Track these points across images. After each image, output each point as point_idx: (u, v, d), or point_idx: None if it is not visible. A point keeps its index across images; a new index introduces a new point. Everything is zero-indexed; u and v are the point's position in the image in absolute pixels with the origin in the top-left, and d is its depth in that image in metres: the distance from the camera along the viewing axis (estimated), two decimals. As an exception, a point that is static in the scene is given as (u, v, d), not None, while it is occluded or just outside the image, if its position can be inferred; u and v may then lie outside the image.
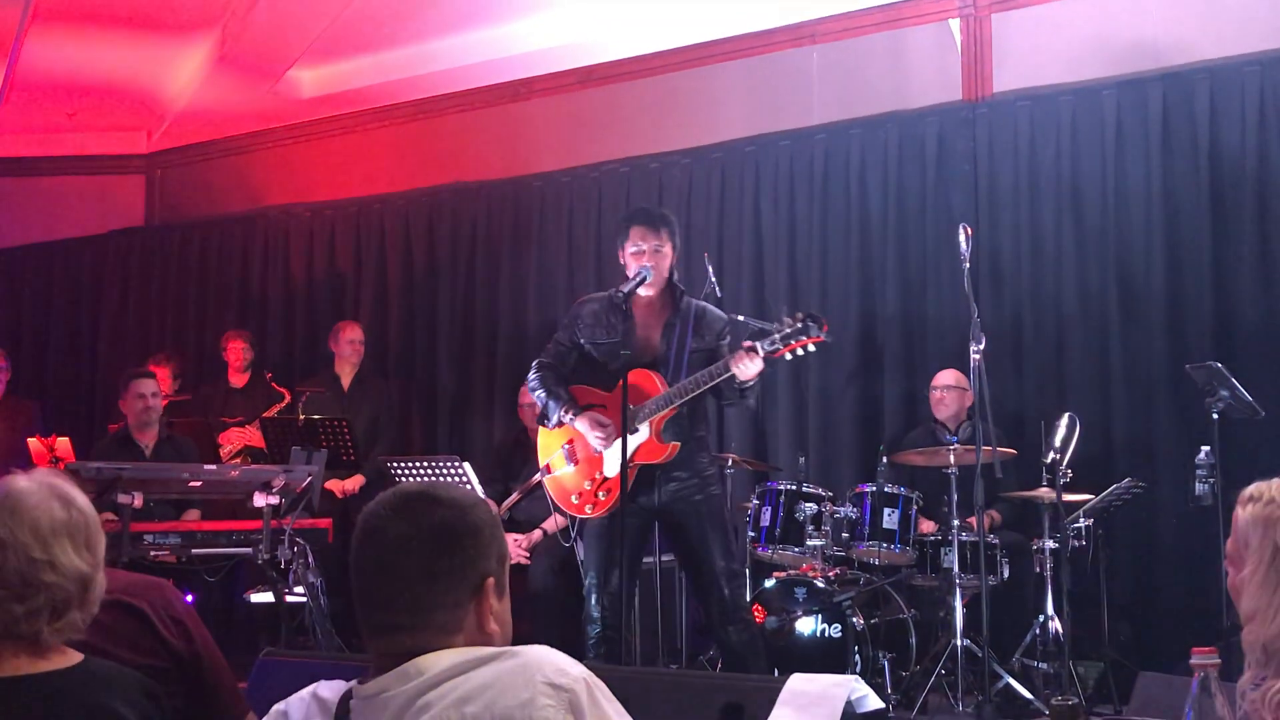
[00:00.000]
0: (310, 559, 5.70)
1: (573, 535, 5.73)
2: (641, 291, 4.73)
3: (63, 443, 7.11)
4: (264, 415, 7.18)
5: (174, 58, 8.14)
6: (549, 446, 4.90)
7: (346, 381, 7.52)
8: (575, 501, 4.80)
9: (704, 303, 4.93)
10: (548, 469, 4.91)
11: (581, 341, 4.82)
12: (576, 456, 4.81)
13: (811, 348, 4.53)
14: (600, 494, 4.69)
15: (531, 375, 4.90)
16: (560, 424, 4.80)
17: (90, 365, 9.18)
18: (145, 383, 6.57)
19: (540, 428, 4.96)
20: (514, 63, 7.99)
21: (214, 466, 6.17)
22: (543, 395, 4.83)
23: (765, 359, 4.50)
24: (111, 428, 7.07)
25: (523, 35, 7.84)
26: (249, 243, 8.91)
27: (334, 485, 7.09)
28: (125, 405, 6.58)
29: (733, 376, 4.52)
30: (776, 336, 4.49)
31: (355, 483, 7.07)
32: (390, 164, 8.57)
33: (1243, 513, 2.09)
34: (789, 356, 4.54)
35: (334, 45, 7.95)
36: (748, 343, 4.52)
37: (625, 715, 1.67)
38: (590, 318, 4.81)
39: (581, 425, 4.72)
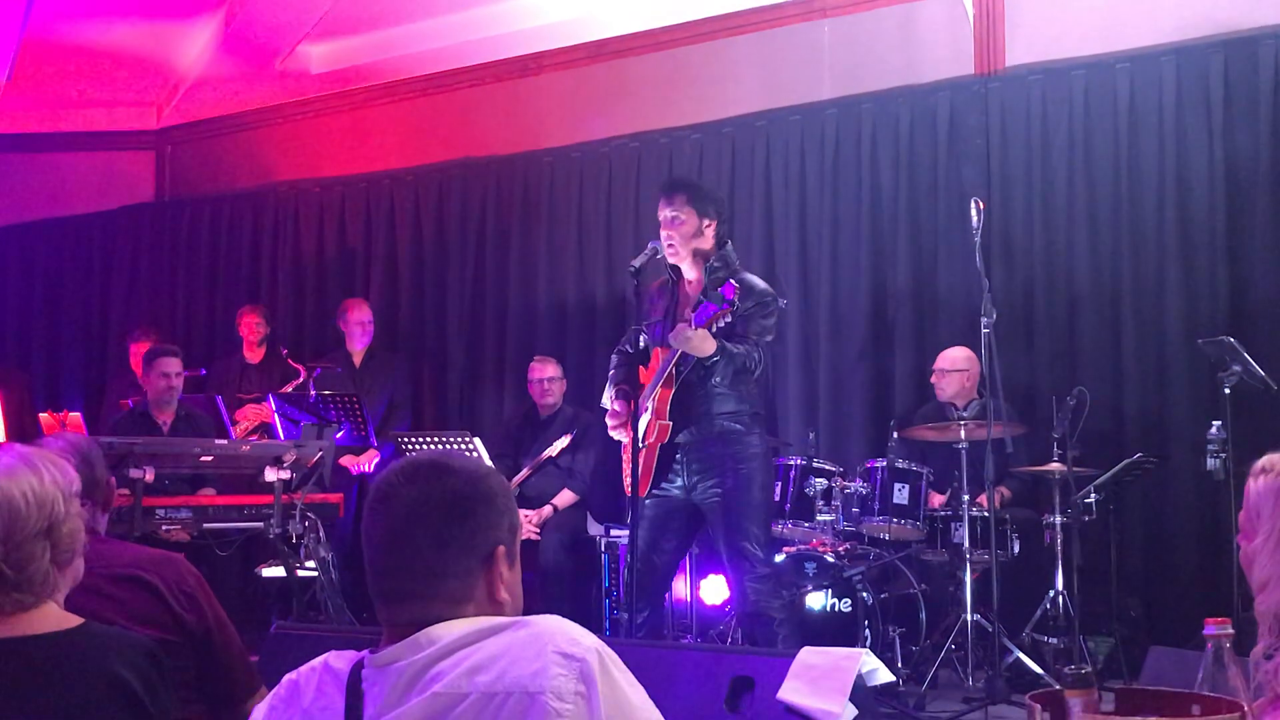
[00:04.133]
0: (321, 533, 5.73)
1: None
2: (686, 272, 4.70)
3: (74, 418, 7.15)
4: (279, 391, 7.20)
5: (183, 34, 8.14)
6: None
7: (358, 359, 7.52)
8: (629, 482, 4.80)
9: (747, 275, 4.74)
10: None
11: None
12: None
13: (727, 318, 4.35)
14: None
15: (612, 356, 4.94)
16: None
17: (101, 341, 9.20)
18: (171, 361, 6.59)
19: None
20: (523, 37, 7.97)
21: (225, 441, 6.19)
22: (609, 377, 4.86)
23: (709, 330, 4.35)
24: (123, 404, 7.09)
25: (532, 9, 7.82)
26: (259, 219, 8.91)
27: (348, 461, 7.12)
28: (147, 381, 6.60)
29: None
30: (692, 317, 4.38)
31: (368, 458, 7.08)
32: (399, 139, 8.57)
33: (1255, 484, 2.08)
34: (713, 329, 4.37)
35: (343, 21, 7.94)
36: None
37: (638, 686, 1.67)
38: (650, 298, 4.81)
39: (608, 420, 4.74)
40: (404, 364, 7.79)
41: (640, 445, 4.57)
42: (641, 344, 4.73)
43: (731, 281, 4.36)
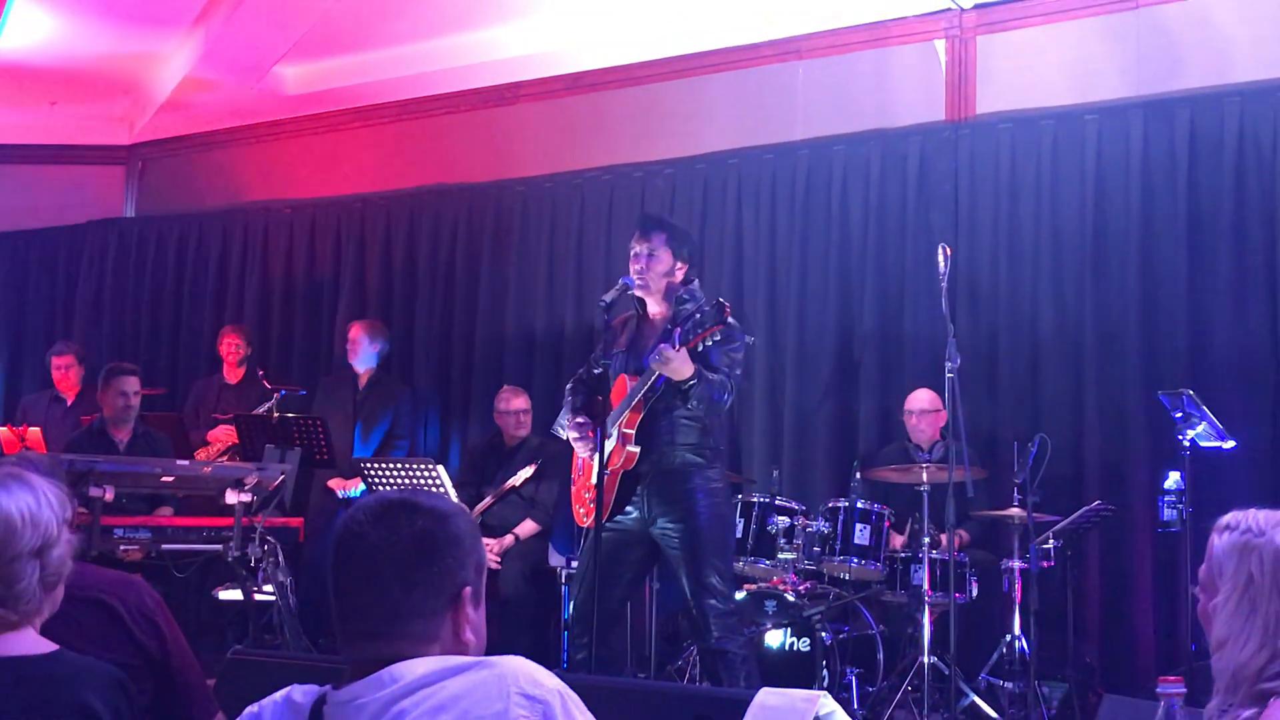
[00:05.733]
0: (280, 558, 5.69)
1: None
2: (651, 307, 4.73)
3: (34, 433, 7.09)
4: (242, 414, 7.17)
5: (159, 50, 8.11)
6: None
7: (362, 381, 7.47)
8: (580, 512, 4.78)
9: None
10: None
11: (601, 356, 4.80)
12: (579, 469, 4.81)
13: (717, 335, 4.39)
14: (591, 503, 4.60)
15: (568, 386, 4.95)
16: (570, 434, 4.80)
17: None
18: (129, 380, 6.56)
19: None
20: (500, 67, 7.99)
21: (186, 462, 6.16)
22: (565, 404, 4.87)
23: (688, 351, 4.38)
24: (85, 420, 7.03)
25: (510, 40, 7.85)
26: (228, 238, 8.88)
27: (336, 484, 7.08)
28: (104, 399, 6.57)
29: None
30: (685, 328, 4.39)
31: (356, 483, 7.03)
32: (373, 164, 8.57)
33: (1218, 540, 2.10)
34: (700, 347, 4.41)
35: (320, 43, 7.93)
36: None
37: (598, 728, 1.68)
38: (614, 331, 4.82)
39: (571, 433, 4.73)
40: (408, 394, 7.67)
41: (604, 471, 4.56)
42: (598, 373, 4.72)
43: (721, 300, 4.39)
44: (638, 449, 4.56)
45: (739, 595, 5.65)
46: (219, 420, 7.37)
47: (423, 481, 6.12)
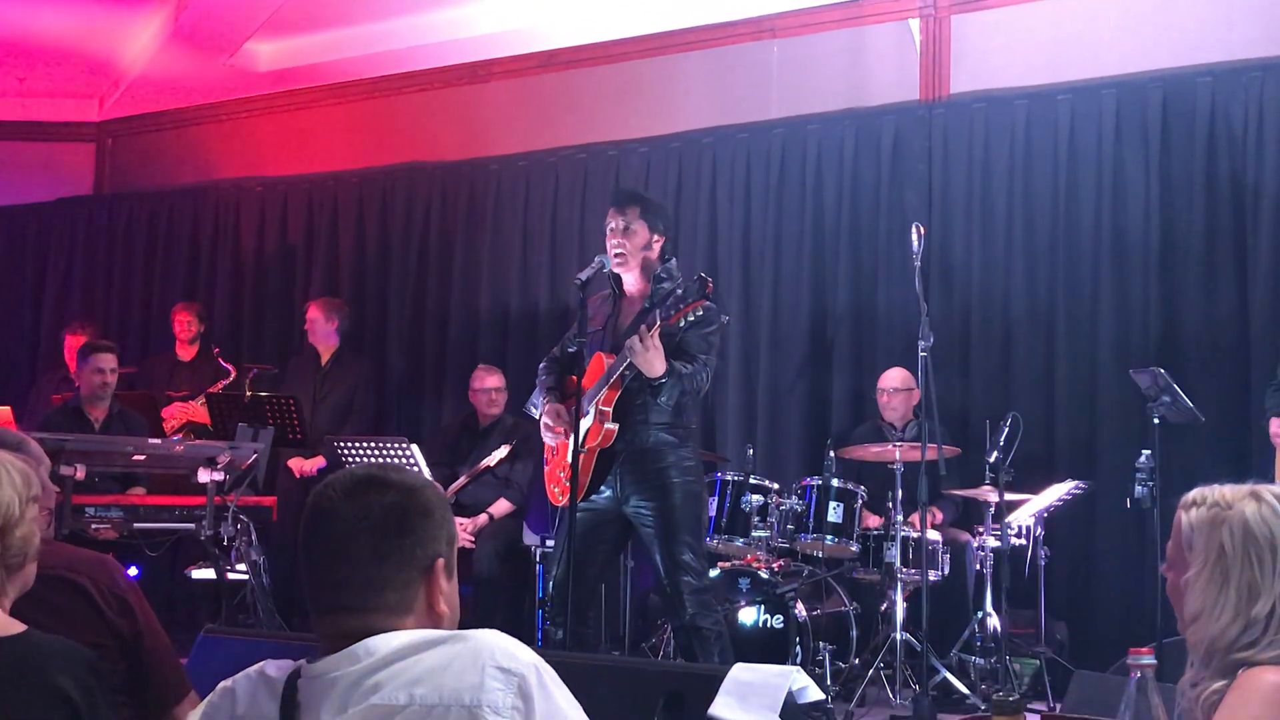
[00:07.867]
0: (253, 536, 5.68)
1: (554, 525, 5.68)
2: (629, 284, 4.72)
3: (3, 411, 7.02)
4: (208, 391, 7.11)
5: (129, 25, 8.05)
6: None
7: (325, 358, 7.41)
8: (555, 490, 4.78)
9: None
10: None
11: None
12: (552, 447, 4.81)
13: (699, 311, 4.37)
14: (566, 482, 4.61)
15: (541, 364, 4.94)
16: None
17: (33, 334, 9.05)
18: (106, 357, 6.50)
19: None
20: (474, 44, 7.96)
21: (159, 441, 6.13)
22: (538, 383, 4.86)
23: (668, 328, 4.36)
24: (56, 399, 6.98)
25: (483, 17, 7.82)
26: (199, 215, 8.81)
27: (295, 464, 7.04)
28: (81, 377, 6.52)
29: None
30: (666, 304, 4.37)
31: (314, 464, 6.99)
32: (345, 141, 8.52)
33: (1186, 517, 2.11)
34: (681, 323, 4.40)
35: (293, 20, 7.88)
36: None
37: (573, 701, 1.68)
38: (591, 309, 4.80)
39: (543, 428, 4.74)
40: (368, 368, 7.61)
41: (580, 449, 4.56)
42: (574, 351, 4.72)
43: (703, 275, 4.38)
44: (616, 426, 4.56)
45: (713, 573, 5.68)
46: (173, 398, 7.31)
47: (397, 460, 6.11)
